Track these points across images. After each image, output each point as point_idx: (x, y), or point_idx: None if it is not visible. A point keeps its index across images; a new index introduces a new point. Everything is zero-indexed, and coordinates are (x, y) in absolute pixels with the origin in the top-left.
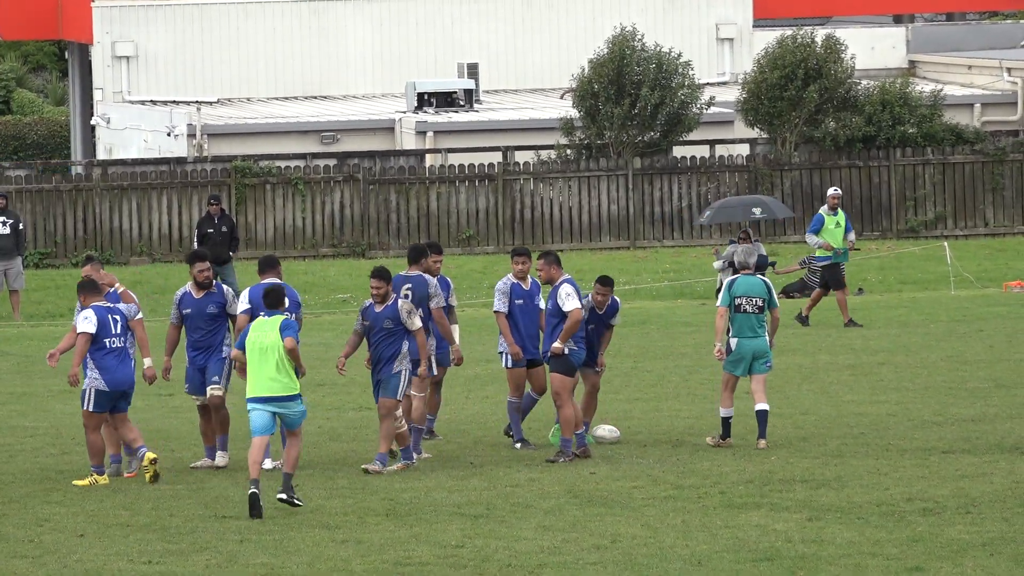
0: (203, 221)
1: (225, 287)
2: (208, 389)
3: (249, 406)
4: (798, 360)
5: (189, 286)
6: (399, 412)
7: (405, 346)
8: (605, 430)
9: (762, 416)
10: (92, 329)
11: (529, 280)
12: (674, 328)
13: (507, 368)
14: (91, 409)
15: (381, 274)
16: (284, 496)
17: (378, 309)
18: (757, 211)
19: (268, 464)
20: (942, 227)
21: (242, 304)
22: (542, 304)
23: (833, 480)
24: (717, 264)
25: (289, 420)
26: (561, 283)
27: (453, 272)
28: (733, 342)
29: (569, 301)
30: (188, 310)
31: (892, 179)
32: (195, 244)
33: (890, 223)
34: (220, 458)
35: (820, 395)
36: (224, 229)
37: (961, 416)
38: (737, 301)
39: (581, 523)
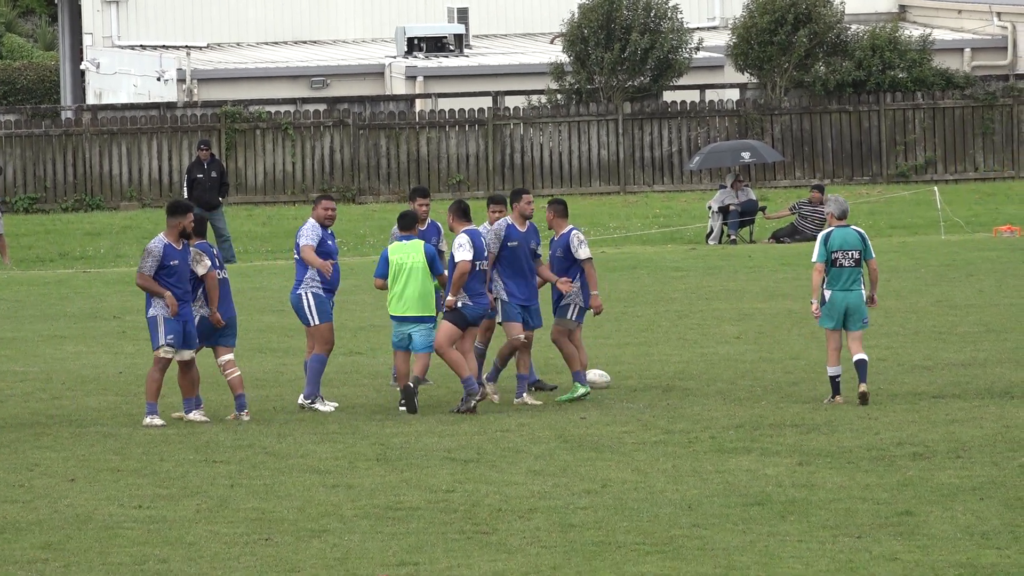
0: (193, 166)
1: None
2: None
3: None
4: (788, 305)
5: (168, 238)
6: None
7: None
8: (595, 374)
9: (860, 365)
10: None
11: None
12: (664, 273)
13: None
14: None
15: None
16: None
17: (522, 229)
18: (746, 155)
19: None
20: (932, 172)
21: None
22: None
23: (823, 425)
24: (714, 204)
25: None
26: (568, 232)
27: (444, 216)
28: (827, 294)
29: (459, 252)
30: (175, 262)
31: (882, 124)
32: (184, 190)
33: (880, 168)
34: (197, 414)
35: (810, 340)
36: (214, 174)
37: (951, 361)
38: (833, 256)
39: (571, 468)
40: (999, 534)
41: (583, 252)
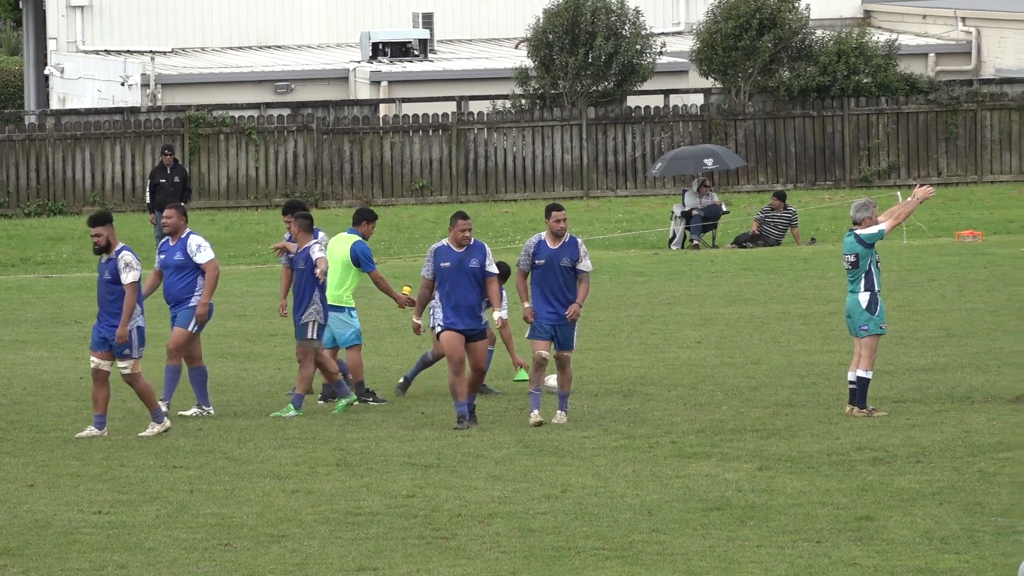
0: (156, 171)
1: (122, 255)
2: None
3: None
4: (750, 309)
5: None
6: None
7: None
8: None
9: (855, 383)
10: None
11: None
12: (626, 278)
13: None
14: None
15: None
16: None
17: (554, 246)
18: (709, 162)
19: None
20: (895, 176)
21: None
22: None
23: (784, 430)
24: (677, 210)
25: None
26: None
27: (407, 222)
28: None
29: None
30: (99, 273)
31: (846, 129)
32: (148, 194)
33: (843, 173)
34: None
35: (771, 344)
36: (177, 179)
37: (912, 366)
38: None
39: (532, 473)
40: (958, 539)
41: (317, 251)
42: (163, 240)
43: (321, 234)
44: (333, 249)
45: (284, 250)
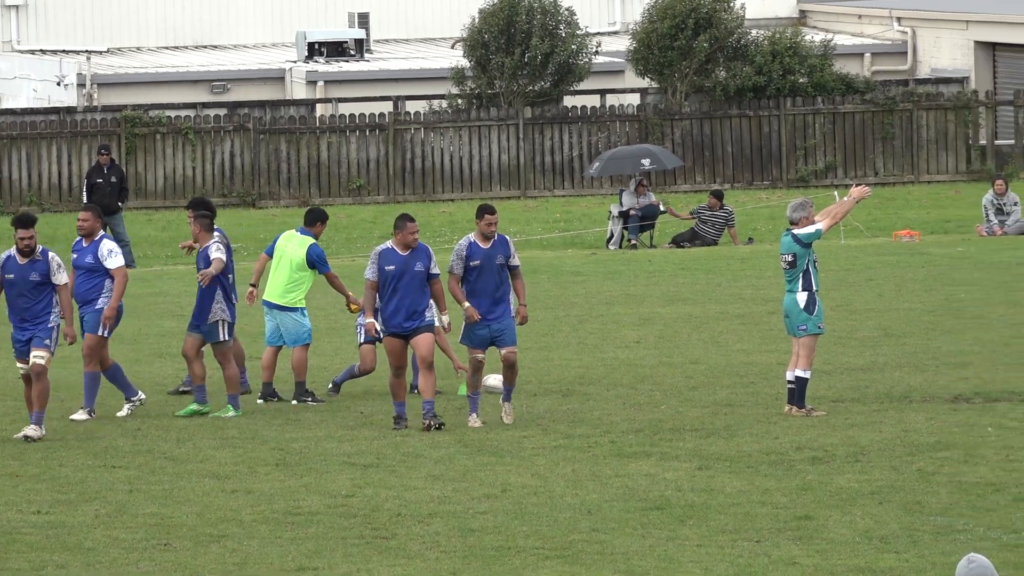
0: (92, 171)
1: (52, 255)
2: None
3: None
4: (688, 309)
5: (14, 250)
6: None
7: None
8: (495, 379)
9: (793, 383)
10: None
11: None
12: (564, 277)
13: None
14: None
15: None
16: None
17: (485, 246)
18: (646, 162)
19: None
20: (832, 176)
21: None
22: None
23: (723, 429)
24: (612, 210)
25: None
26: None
27: (344, 222)
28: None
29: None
30: (11, 275)
31: (782, 129)
32: (84, 194)
33: (780, 173)
34: (32, 429)
35: (710, 344)
36: (114, 179)
37: (851, 365)
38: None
39: (471, 472)
40: (897, 538)
41: (214, 252)
42: (77, 241)
43: (218, 233)
44: (285, 249)
45: (191, 248)
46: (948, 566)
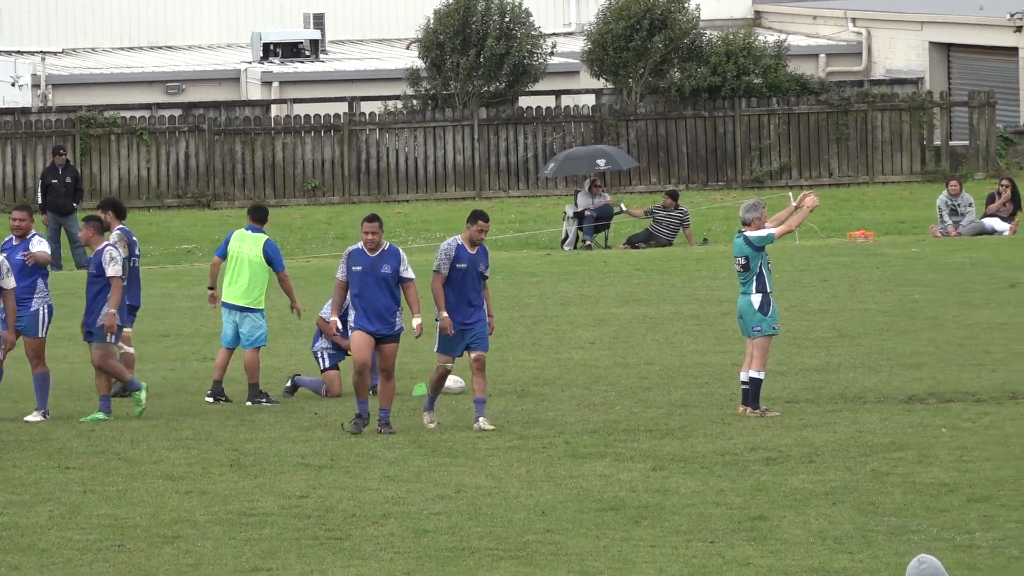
0: (47, 172)
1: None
2: None
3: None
4: (643, 310)
5: None
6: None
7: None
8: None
9: (747, 384)
10: None
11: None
12: (519, 278)
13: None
14: None
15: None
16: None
17: (472, 251)
18: (601, 162)
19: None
20: (787, 177)
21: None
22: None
23: (677, 430)
24: (567, 211)
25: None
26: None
27: (299, 223)
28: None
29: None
30: None
31: (737, 129)
32: (39, 195)
33: (735, 173)
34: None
35: (664, 345)
36: (68, 180)
37: (805, 366)
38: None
39: (425, 473)
40: (851, 538)
41: (111, 269)
42: (7, 239)
43: (119, 232)
44: (240, 250)
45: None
46: (902, 566)
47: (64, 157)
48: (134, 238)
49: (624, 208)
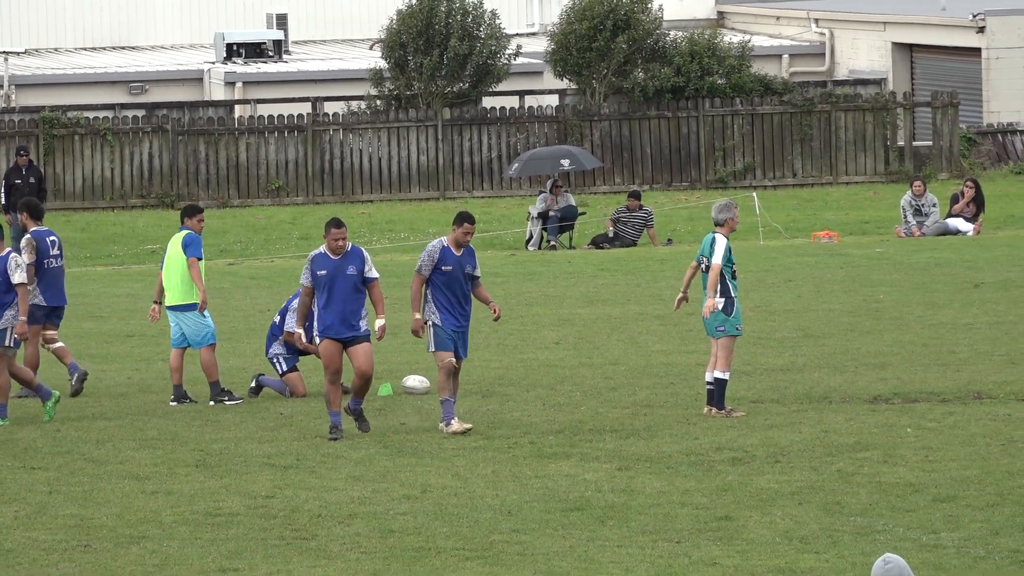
0: (10, 172)
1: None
2: None
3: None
4: (607, 310)
5: None
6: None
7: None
8: (415, 380)
9: (712, 384)
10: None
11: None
12: (484, 279)
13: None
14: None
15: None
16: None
17: (458, 253)
18: (566, 163)
19: None
20: (751, 177)
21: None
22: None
23: (643, 430)
24: (534, 211)
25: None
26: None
27: (263, 223)
28: None
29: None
30: None
31: (701, 130)
32: (3, 195)
33: (699, 174)
34: None
35: (629, 345)
36: (32, 180)
37: (770, 366)
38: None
39: (391, 473)
40: (817, 538)
41: (16, 276)
42: None
43: (24, 239)
44: (170, 252)
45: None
46: (868, 566)
47: (27, 158)
48: (52, 239)
49: (611, 232)
